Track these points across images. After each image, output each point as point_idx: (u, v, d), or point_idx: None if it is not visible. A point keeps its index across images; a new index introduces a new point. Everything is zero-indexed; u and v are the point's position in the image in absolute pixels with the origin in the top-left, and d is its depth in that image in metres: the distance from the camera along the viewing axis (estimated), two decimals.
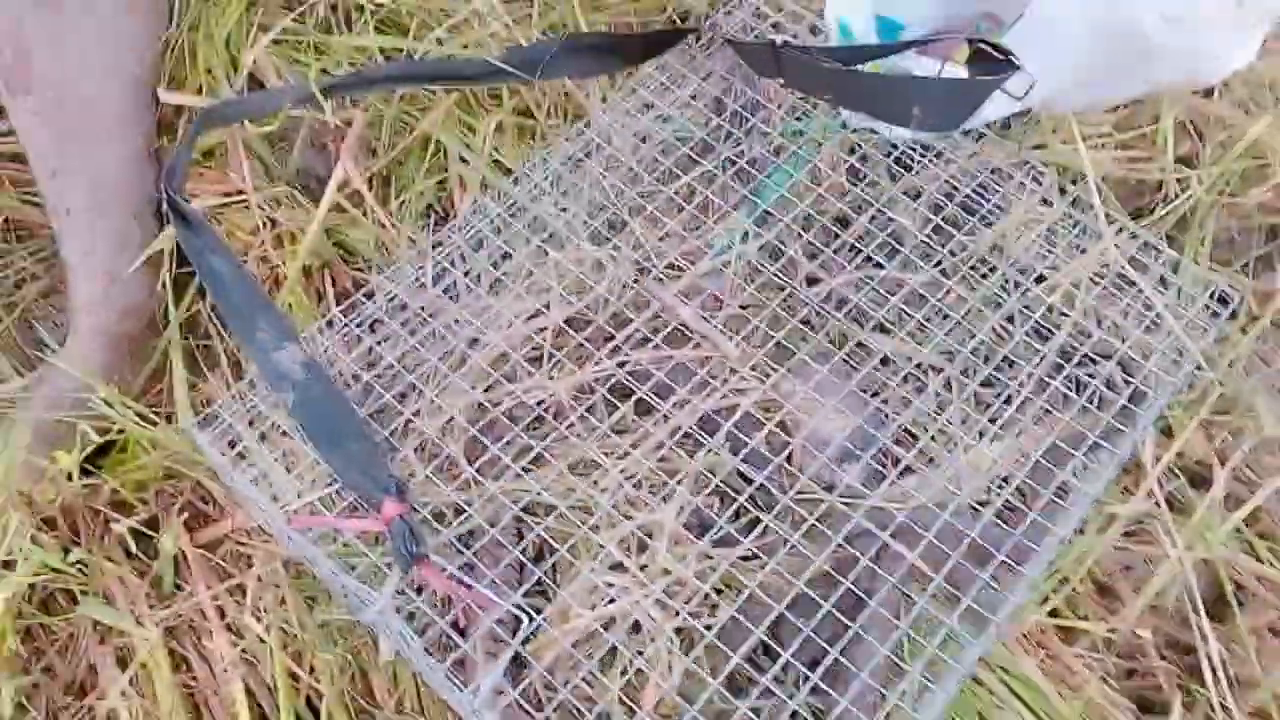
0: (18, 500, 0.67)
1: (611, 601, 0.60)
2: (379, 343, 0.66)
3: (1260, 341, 0.85)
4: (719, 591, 0.60)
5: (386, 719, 0.64)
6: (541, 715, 0.53)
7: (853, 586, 0.61)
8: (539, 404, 0.65)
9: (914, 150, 0.81)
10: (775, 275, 0.72)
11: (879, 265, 0.74)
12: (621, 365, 0.65)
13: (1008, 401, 0.69)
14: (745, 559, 0.61)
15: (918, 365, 0.71)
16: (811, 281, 0.73)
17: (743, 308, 0.70)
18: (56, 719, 0.65)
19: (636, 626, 0.61)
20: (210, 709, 0.64)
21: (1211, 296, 0.84)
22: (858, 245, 0.74)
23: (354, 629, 0.67)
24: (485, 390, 0.64)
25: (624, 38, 0.83)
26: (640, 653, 0.58)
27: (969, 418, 0.69)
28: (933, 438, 0.68)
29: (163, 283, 0.74)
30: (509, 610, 0.55)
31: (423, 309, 0.68)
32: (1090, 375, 0.71)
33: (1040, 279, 0.74)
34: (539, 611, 0.59)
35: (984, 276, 0.74)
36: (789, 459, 0.68)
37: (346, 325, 0.67)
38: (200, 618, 0.66)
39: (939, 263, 0.73)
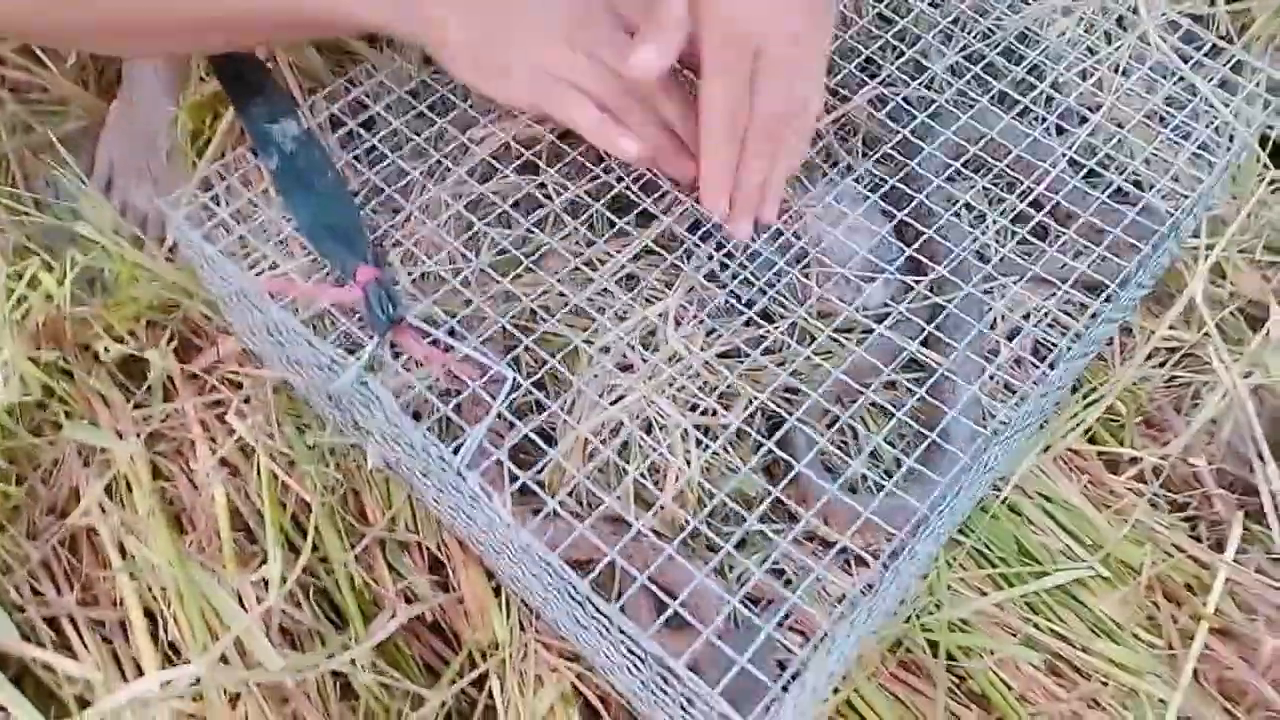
0: (8, 322, 0.65)
1: (620, 399, 0.56)
2: (375, 141, 0.63)
3: None
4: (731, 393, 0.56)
5: (377, 536, 0.60)
6: (554, 500, 0.49)
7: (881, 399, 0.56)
8: (535, 207, 0.61)
9: None
10: None
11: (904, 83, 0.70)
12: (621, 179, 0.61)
13: (1034, 205, 0.64)
14: (748, 354, 0.57)
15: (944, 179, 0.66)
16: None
17: None
18: (35, 539, 0.62)
19: (649, 429, 0.57)
20: (194, 523, 0.60)
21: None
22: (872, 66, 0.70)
23: (346, 453, 0.63)
24: (483, 182, 0.61)
25: None
26: (654, 448, 0.54)
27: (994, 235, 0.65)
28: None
29: None
30: (499, 374, 0.51)
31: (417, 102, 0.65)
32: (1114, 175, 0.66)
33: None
34: (541, 408, 0.55)
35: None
36: (805, 275, 0.63)
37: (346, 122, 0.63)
38: (186, 438, 0.63)
39: (963, 47, 0.69)
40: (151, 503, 0.59)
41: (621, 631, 0.45)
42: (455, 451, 0.48)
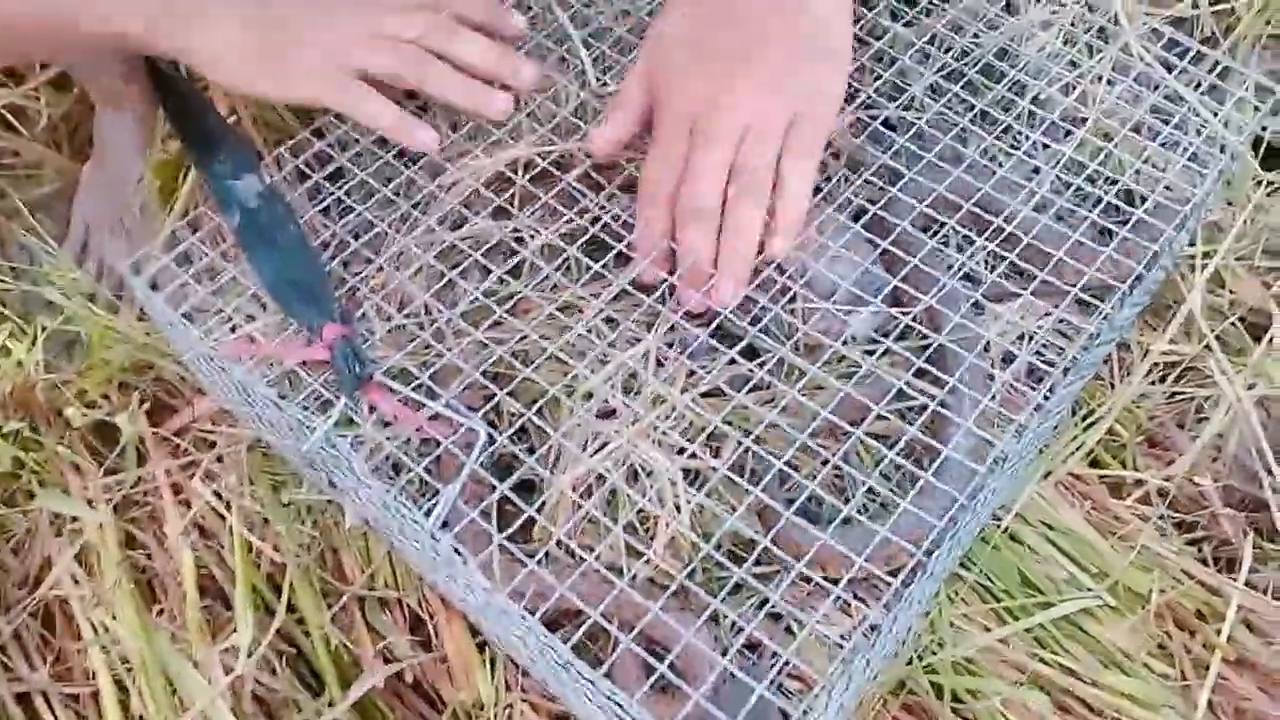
0: None
1: (604, 447, 0.54)
2: (342, 194, 0.61)
3: None
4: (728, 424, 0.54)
5: (356, 594, 0.58)
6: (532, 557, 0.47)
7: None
8: (507, 254, 0.60)
9: None
10: None
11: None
12: (601, 214, 0.60)
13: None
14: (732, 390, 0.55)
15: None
16: None
17: None
18: (8, 612, 0.60)
19: (634, 476, 0.55)
20: (165, 589, 0.59)
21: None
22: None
23: (324, 510, 0.61)
24: (454, 228, 0.59)
25: None
26: (645, 493, 0.52)
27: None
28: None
29: None
30: (472, 431, 0.49)
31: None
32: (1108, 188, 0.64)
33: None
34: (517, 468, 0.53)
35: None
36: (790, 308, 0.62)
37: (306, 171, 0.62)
38: (158, 500, 0.62)
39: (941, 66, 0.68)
40: (119, 573, 0.57)
41: (608, 697, 0.43)
42: (429, 513, 0.47)
